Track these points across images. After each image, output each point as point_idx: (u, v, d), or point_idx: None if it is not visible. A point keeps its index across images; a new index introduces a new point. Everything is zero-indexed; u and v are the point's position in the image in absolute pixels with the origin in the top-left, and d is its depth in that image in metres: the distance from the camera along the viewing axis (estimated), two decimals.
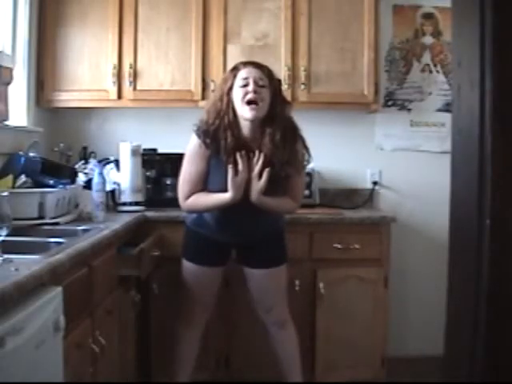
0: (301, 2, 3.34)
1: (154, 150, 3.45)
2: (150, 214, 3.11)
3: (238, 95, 2.49)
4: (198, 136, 2.53)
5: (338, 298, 3.09)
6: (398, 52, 3.66)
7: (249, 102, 2.46)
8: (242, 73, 2.51)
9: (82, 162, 3.30)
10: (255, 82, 2.48)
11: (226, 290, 2.92)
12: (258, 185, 2.47)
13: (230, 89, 2.51)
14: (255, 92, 2.46)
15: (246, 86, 2.48)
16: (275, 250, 2.72)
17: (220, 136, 2.50)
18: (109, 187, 3.10)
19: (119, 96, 3.34)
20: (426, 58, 3.67)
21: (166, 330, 3.02)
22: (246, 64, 2.56)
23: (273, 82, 2.55)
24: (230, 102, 2.51)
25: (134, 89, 3.33)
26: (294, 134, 2.56)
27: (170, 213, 3.12)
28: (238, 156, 2.47)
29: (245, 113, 2.48)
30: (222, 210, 2.55)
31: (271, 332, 2.80)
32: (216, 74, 3.30)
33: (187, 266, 2.73)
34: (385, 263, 3.16)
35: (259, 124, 2.52)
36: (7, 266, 1.62)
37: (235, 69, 2.55)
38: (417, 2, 3.65)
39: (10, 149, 2.88)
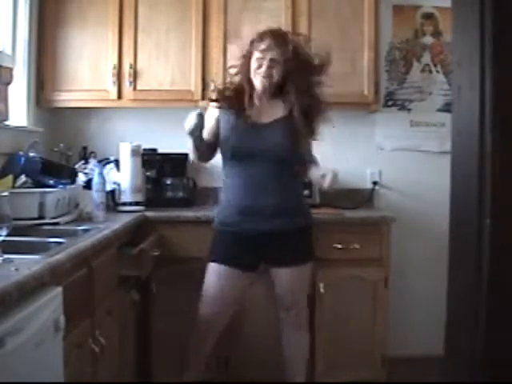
0: (301, 2, 3.34)
1: (154, 150, 3.45)
2: (150, 214, 3.11)
3: (253, 64, 2.62)
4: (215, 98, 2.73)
5: (338, 298, 3.09)
6: (398, 52, 3.66)
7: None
8: (259, 53, 2.60)
9: (82, 161, 3.30)
10: (270, 61, 2.58)
11: None
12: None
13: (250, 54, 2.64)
14: (267, 70, 2.59)
15: (261, 59, 2.60)
16: (302, 248, 2.71)
17: (233, 95, 2.67)
18: (109, 187, 3.10)
19: (119, 96, 3.34)
20: (426, 57, 3.66)
21: (165, 329, 3.02)
22: (265, 39, 2.60)
23: (289, 60, 2.60)
24: (247, 65, 2.64)
25: (134, 89, 3.33)
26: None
27: (170, 213, 3.13)
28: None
29: (255, 82, 2.63)
30: (242, 186, 2.63)
31: (286, 332, 2.78)
32: (216, 74, 3.30)
33: (215, 269, 2.63)
34: (385, 263, 3.16)
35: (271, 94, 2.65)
36: (7, 265, 1.62)
37: (257, 39, 2.62)
38: (417, 2, 3.65)
39: (10, 149, 2.88)
